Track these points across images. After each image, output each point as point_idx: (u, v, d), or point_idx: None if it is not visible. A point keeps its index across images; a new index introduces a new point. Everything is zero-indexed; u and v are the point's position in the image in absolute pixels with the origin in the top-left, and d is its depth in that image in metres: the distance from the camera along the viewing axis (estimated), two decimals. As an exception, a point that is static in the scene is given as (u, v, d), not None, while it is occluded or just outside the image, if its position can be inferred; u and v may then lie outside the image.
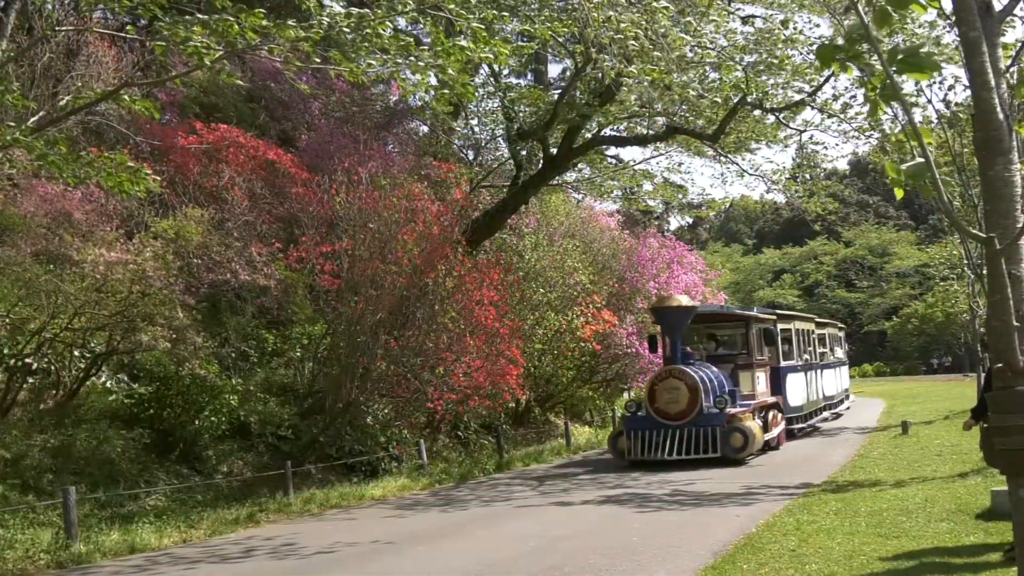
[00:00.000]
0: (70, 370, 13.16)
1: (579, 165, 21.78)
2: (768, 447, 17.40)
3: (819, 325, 26.70)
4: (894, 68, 2.92)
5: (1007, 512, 4.78)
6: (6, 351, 12.02)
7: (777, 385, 19.43)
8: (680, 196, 28.55)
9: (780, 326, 21.54)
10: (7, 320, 11.93)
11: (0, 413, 11.85)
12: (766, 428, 17.26)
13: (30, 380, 12.73)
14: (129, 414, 13.33)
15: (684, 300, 17.11)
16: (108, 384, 13.90)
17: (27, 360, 12.04)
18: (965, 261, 18.32)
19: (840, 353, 30.16)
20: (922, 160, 3.11)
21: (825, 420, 24.42)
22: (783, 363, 20.53)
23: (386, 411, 15.87)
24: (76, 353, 13.07)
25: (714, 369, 17.02)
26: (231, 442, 14.30)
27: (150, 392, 13.43)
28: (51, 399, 12.90)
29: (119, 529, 10.64)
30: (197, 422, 13.21)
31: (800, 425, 20.97)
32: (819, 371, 24.19)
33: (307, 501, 12.94)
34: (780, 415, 18.71)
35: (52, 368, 12.91)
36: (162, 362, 13.60)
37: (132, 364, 14.20)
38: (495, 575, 8.29)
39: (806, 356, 22.68)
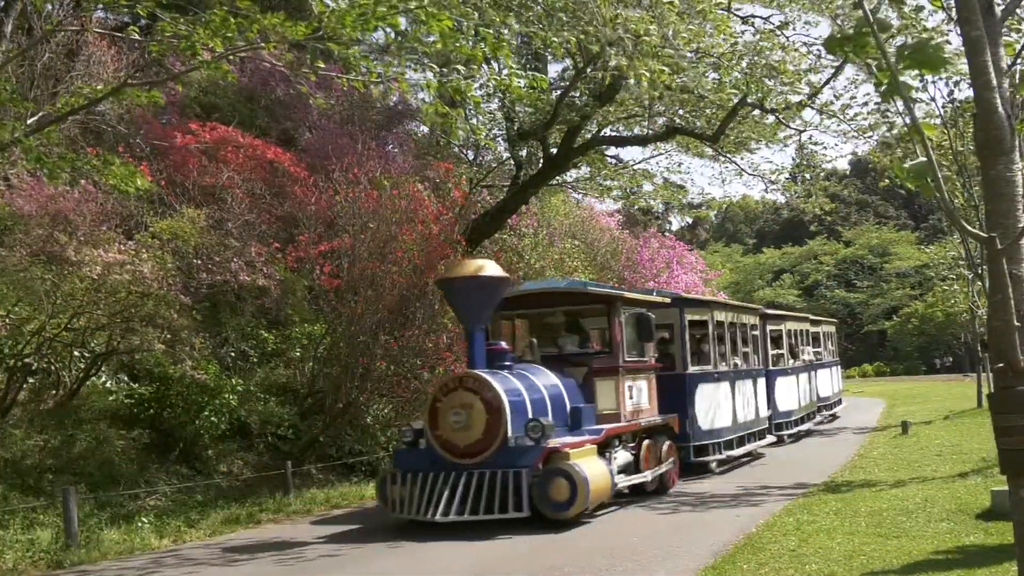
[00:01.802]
0: (70, 370, 13.16)
1: (579, 165, 21.76)
2: (645, 491, 12.34)
3: (814, 323, 25.49)
4: (900, 64, 2.92)
5: (1007, 512, 4.78)
6: (6, 351, 12.01)
7: (680, 399, 14.35)
8: (680, 196, 28.54)
9: (769, 326, 20.02)
10: (7, 320, 11.92)
11: (0, 413, 11.85)
12: (638, 466, 12.09)
13: (30, 380, 12.73)
14: (129, 414, 13.33)
15: (489, 268, 11.21)
16: (108, 384, 13.90)
17: (27, 360, 12.04)
18: (965, 261, 18.37)
19: (834, 352, 28.55)
20: (924, 160, 3.11)
21: (820, 424, 23.41)
22: (771, 366, 19.17)
23: (386, 411, 15.87)
24: (76, 353, 13.06)
25: (551, 377, 11.64)
26: (231, 442, 14.29)
27: (150, 392, 13.43)
28: (51, 399, 12.90)
29: (119, 529, 10.63)
30: (197, 422, 13.20)
31: (791, 431, 19.94)
32: (813, 373, 23.00)
33: (307, 501, 12.94)
34: (671, 445, 13.29)
35: (52, 368, 12.91)
36: (162, 362, 13.60)
37: (132, 364, 14.19)
38: (497, 574, 8.29)
39: (792, 358, 21.23)
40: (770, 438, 18.18)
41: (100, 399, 13.47)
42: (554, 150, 19.02)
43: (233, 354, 15.88)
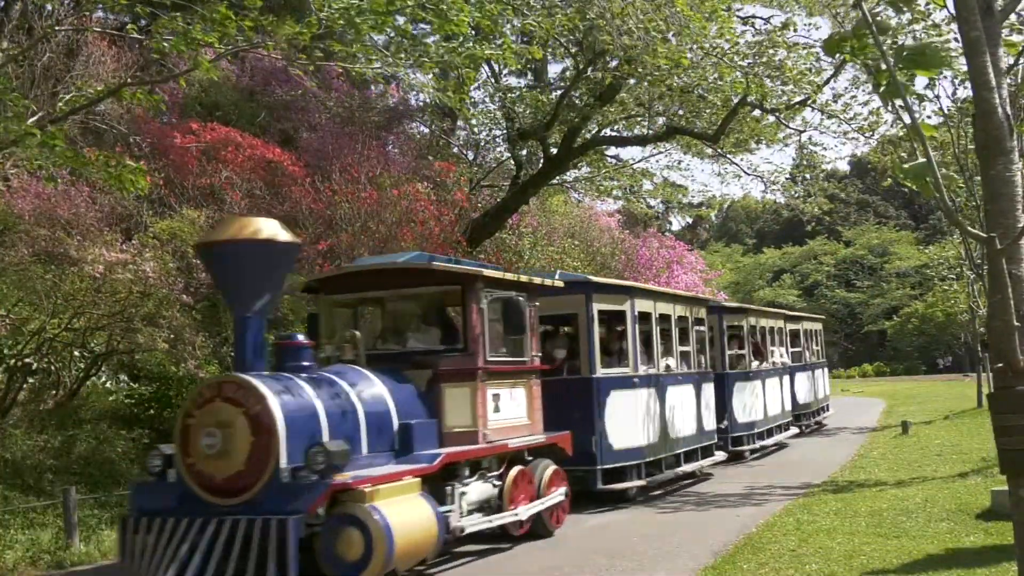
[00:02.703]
0: (70, 370, 13.16)
1: (579, 165, 21.77)
2: (514, 534, 9.48)
3: (791, 320, 22.44)
4: (899, 66, 2.92)
5: (1007, 512, 4.78)
6: (6, 351, 12.01)
7: (587, 410, 11.62)
8: (680, 196, 28.54)
9: (727, 322, 16.94)
10: (7, 320, 11.93)
11: (0, 413, 11.85)
12: (503, 498, 9.19)
13: (30, 380, 12.73)
14: (129, 414, 13.33)
15: (265, 230, 7.84)
16: (108, 384, 13.90)
17: (27, 360, 12.04)
18: (965, 261, 18.37)
19: (820, 353, 25.22)
20: (923, 160, 3.12)
21: (798, 435, 20.41)
22: (711, 369, 15.47)
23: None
24: (76, 353, 13.06)
25: (374, 383, 8.46)
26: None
27: (150, 392, 13.42)
28: (51, 399, 12.90)
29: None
30: (197, 422, 13.19)
31: (755, 445, 17.04)
32: (787, 377, 20.11)
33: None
34: (558, 471, 10.18)
35: (52, 368, 12.91)
36: (163, 362, 13.60)
37: (132, 364, 14.19)
38: (496, 573, 8.29)
39: (758, 360, 18.22)
40: (719, 455, 14.98)
41: (100, 399, 13.46)
42: (554, 150, 19.02)
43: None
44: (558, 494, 10.05)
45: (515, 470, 9.37)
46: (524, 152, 19.83)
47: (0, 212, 13.10)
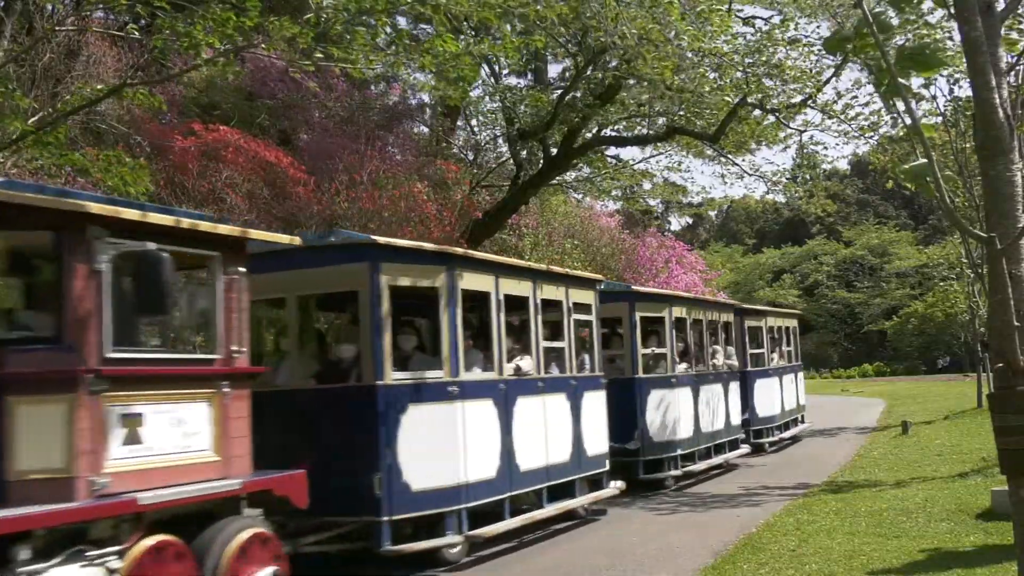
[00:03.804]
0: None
1: (579, 165, 21.77)
2: None
3: (750, 315, 18.40)
4: (899, 65, 2.92)
5: (1007, 512, 4.79)
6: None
7: (365, 436, 7.97)
8: (680, 196, 28.54)
9: (640, 312, 13.05)
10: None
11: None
12: None
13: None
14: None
15: None
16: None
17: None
18: (965, 260, 18.36)
19: (792, 355, 21.13)
20: (924, 161, 3.12)
21: (752, 454, 16.64)
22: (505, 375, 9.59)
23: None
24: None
25: None
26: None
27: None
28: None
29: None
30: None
31: (675, 471, 13.33)
32: (733, 384, 16.08)
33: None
34: (260, 537, 6.22)
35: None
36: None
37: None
38: (496, 573, 8.29)
39: (684, 362, 14.17)
40: (612, 488, 11.18)
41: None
42: (554, 150, 19.03)
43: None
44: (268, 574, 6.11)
45: (146, 543, 5.50)
46: (524, 153, 19.83)
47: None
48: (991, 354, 4.07)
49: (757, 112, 18.27)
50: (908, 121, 3.26)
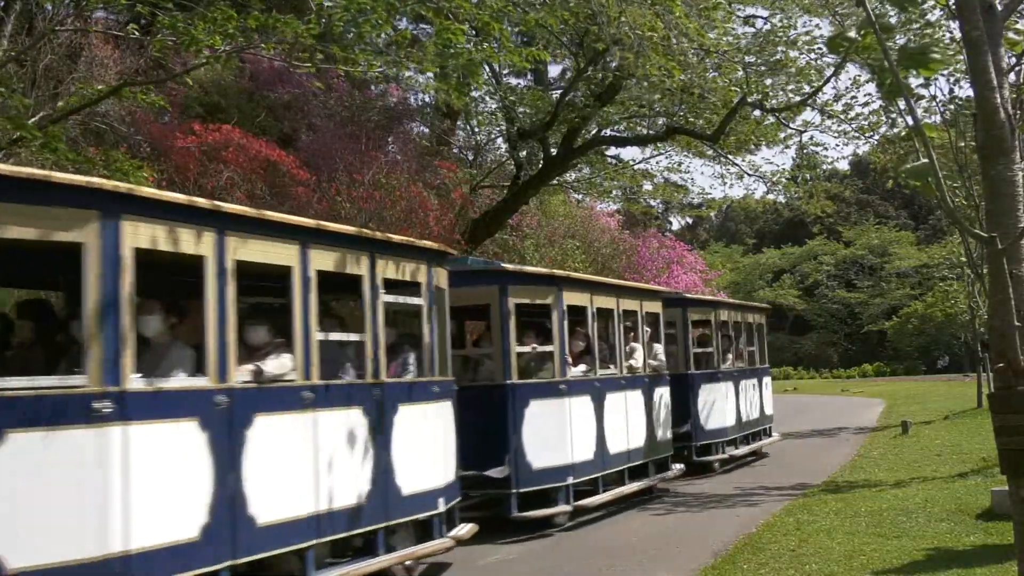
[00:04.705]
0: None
1: (579, 165, 21.78)
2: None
3: (693, 307, 15.14)
4: (899, 65, 2.92)
5: (1007, 512, 4.79)
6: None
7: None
8: (680, 196, 28.55)
9: (513, 299, 9.88)
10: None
11: None
12: None
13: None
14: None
15: None
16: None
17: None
18: (965, 260, 18.35)
19: (757, 356, 17.81)
20: (925, 161, 3.12)
21: (682, 477, 13.37)
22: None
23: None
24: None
25: None
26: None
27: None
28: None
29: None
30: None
31: (564, 507, 10.16)
32: (655, 391, 12.72)
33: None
34: None
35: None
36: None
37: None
38: (496, 572, 8.29)
39: (584, 364, 11.06)
40: (445, 540, 8.06)
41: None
42: (554, 150, 19.04)
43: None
44: None
45: None
46: (524, 153, 19.85)
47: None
48: (991, 354, 4.07)
49: (757, 112, 18.29)
50: (909, 121, 3.27)
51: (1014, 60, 4.11)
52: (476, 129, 23.23)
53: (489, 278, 10.17)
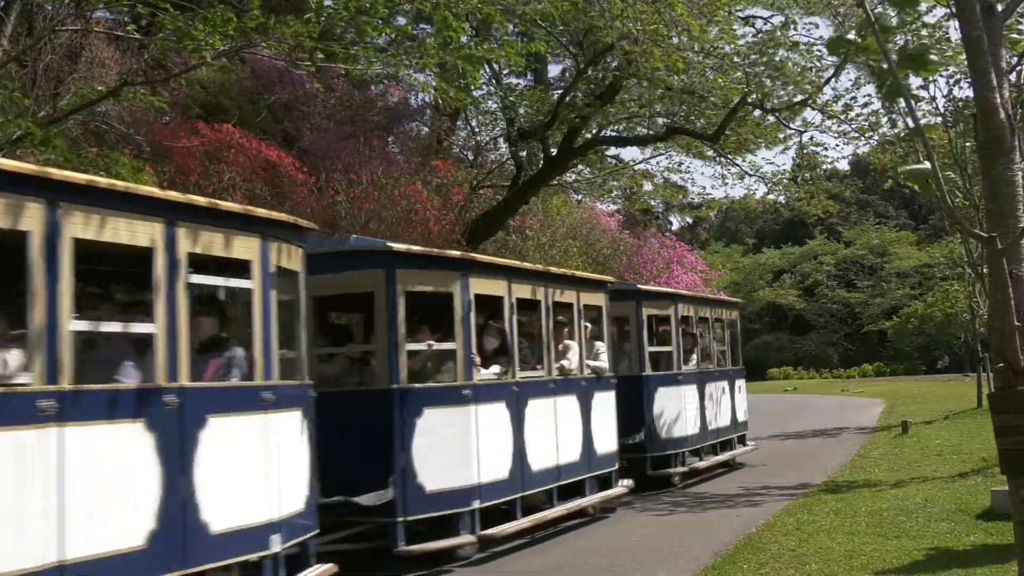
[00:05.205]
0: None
1: (579, 166, 21.79)
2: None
3: (653, 300, 13.42)
4: (899, 66, 2.93)
5: (1007, 512, 4.80)
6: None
7: None
8: (680, 196, 28.56)
9: (408, 286, 8.20)
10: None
11: None
12: None
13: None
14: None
15: None
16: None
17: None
18: (965, 260, 18.34)
19: (727, 356, 16.06)
20: (926, 164, 3.12)
21: (631, 494, 11.71)
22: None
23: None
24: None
25: None
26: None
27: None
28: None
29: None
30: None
31: (465, 539, 8.38)
32: (585, 397, 10.68)
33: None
34: None
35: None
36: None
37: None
38: (496, 572, 8.29)
39: (499, 366, 9.33)
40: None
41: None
42: (554, 151, 19.05)
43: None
44: None
45: None
46: (524, 153, 19.86)
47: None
48: (991, 354, 4.07)
49: (757, 112, 18.29)
50: (910, 122, 3.27)
51: (1014, 60, 4.11)
52: (476, 129, 23.25)
53: (373, 260, 8.37)
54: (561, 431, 10.11)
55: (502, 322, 9.51)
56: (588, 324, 11.21)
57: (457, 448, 8.46)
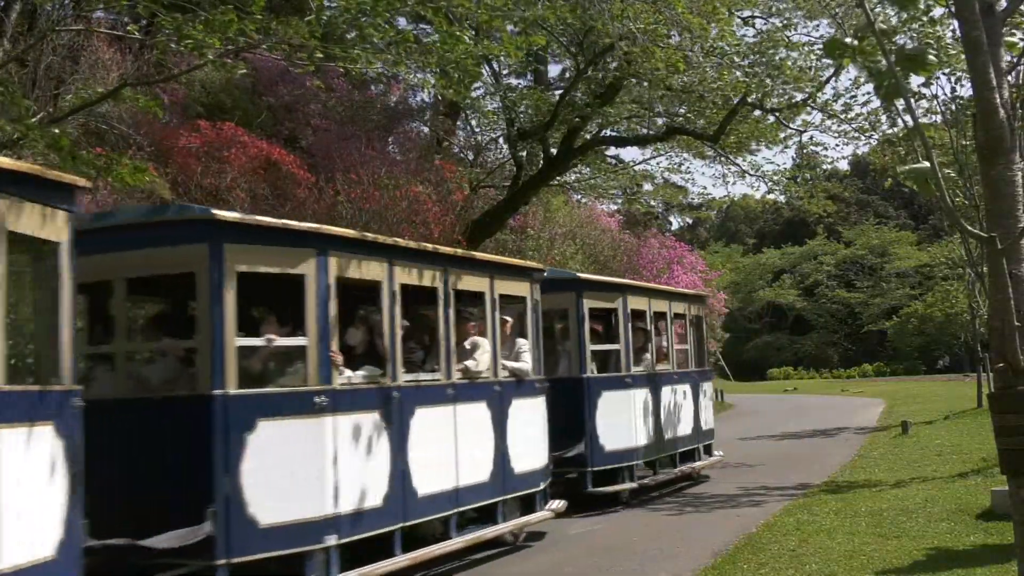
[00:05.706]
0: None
1: (579, 166, 21.78)
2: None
3: (596, 291, 11.79)
4: (898, 67, 2.93)
5: (1007, 512, 4.80)
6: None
7: None
8: (680, 196, 28.56)
9: (238, 264, 6.43)
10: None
11: None
12: None
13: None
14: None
15: None
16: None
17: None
18: (965, 260, 18.33)
19: (693, 356, 14.28)
20: (926, 164, 3.13)
21: (557, 516, 9.87)
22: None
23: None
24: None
25: None
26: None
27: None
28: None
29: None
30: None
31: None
32: (510, 404, 9.14)
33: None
34: None
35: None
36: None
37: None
38: (496, 573, 8.29)
39: (376, 366, 7.56)
40: None
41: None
42: (554, 150, 19.04)
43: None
44: None
45: None
46: (524, 153, 19.85)
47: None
48: (991, 354, 4.07)
49: (757, 112, 18.29)
50: (909, 122, 3.27)
51: (1014, 60, 4.12)
52: (476, 129, 23.24)
53: (193, 232, 6.61)
54: (463, 446, 8.36)
55: (378, 313, 7.77)
56: (507, 318, 9.58)
57: (305, 470, 6.71)
